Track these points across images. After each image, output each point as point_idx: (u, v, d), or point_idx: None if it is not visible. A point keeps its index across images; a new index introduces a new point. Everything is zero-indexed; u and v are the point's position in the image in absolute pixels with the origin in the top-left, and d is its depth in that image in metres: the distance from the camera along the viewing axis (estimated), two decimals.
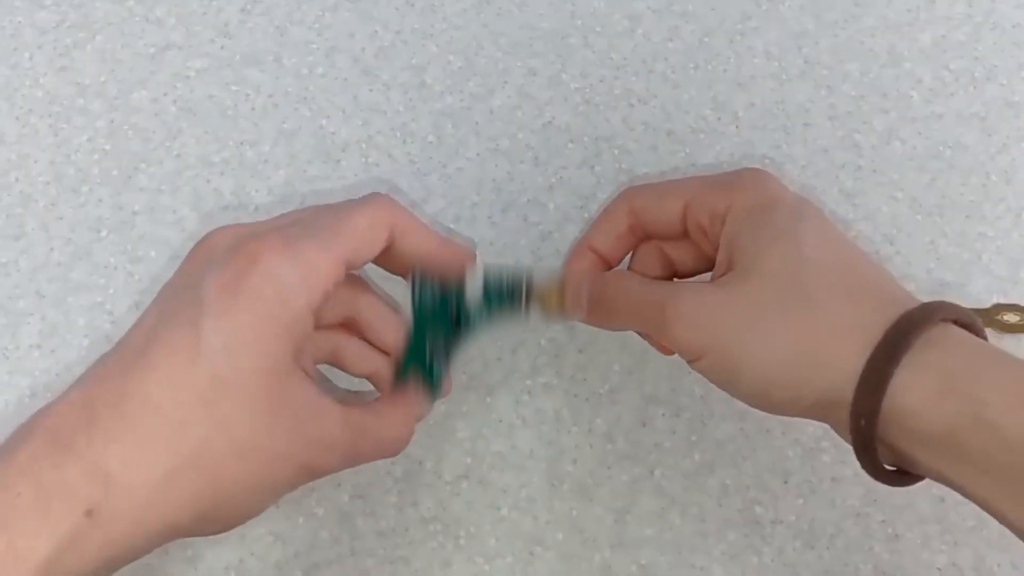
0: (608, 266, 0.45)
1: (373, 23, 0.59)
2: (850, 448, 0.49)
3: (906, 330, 0.36)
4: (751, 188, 0.41)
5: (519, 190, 0.54)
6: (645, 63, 0.58)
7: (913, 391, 0.35)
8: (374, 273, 0.44)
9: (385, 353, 0.43)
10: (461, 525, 0.47)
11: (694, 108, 0.57)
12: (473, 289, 0.43)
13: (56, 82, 0.57)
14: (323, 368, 0.43)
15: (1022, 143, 0.57)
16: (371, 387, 0.44)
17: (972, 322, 0.38)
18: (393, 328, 0.43)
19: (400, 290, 0.43)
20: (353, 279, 0.43)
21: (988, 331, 0.51)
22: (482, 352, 0.51)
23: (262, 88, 0.57)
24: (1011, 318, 0.52)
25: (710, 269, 0.43)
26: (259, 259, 0.37)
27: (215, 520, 0.37)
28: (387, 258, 0.42)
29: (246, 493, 0.37)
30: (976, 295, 0.53)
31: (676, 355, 0.50)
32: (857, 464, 0.48)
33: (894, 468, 0.38)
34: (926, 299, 0.37)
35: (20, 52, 0.57)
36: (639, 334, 0.44)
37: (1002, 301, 0.52)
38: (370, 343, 0.43)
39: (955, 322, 0.37)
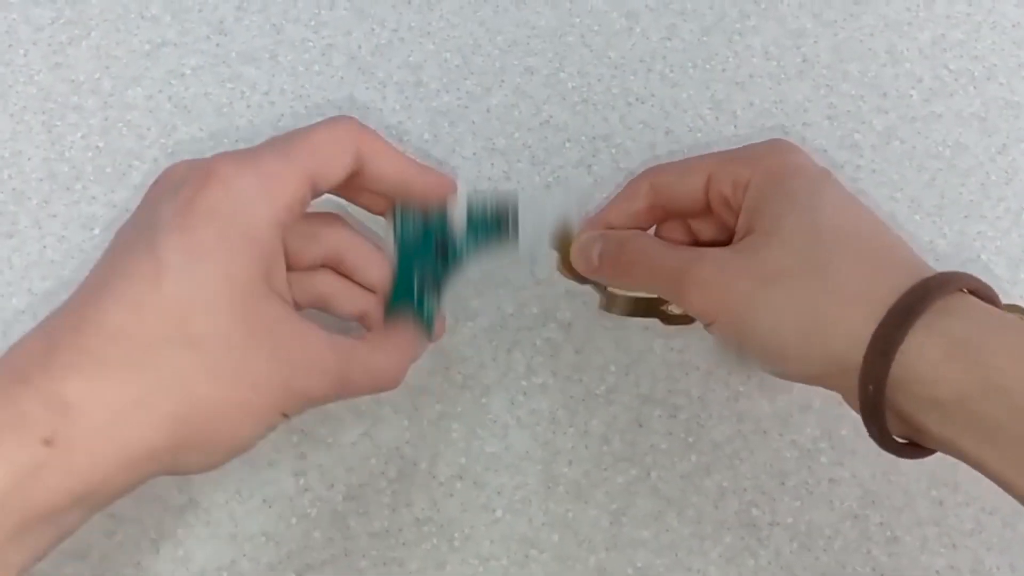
0: None
1: (370, 20, 0.58)
2: (848, 450, 0.49)
3: (920, 296, 0.35)
4: (774, 157, 0.41)
5: (516, 189, 0.54)
6: (643, 62, 0.58)
7: (924, 356, 0.35)
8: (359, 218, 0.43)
9: (373, 292, 0.42)
10: (455, 526, 0.47)
11: (692, 107, 0.56)
12: (457, 218, 0.42)
13: (50, 79, 0.56)
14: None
15: (1022, 143, 0.56)
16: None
17: (990, 293, 0.37)
18: (378, 265, 0.42)
19: (383, 230, 0.43)
20: (332, 217, 0.42)
21: None
22: (477, 352, 0.50)
23: (258, 86, 0.56)
24: None
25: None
26: (214, 174, 0.36)
27: (197, 447, 0.35)
28: (360, 191, 0.41)
29: (227, 417, 0.35)
30: None
31: (671, 353, 0.50)
32: (855, 466, 0.48)
33: (904, 440, 0.38)
34: None
35: (15, 49, 0.57)
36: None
37: (1002, 301, 0.52)
38: (357, 283, 0.42)
39: (972, 292, 0.37)
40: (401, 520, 0.47)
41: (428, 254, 0.42)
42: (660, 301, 0.46)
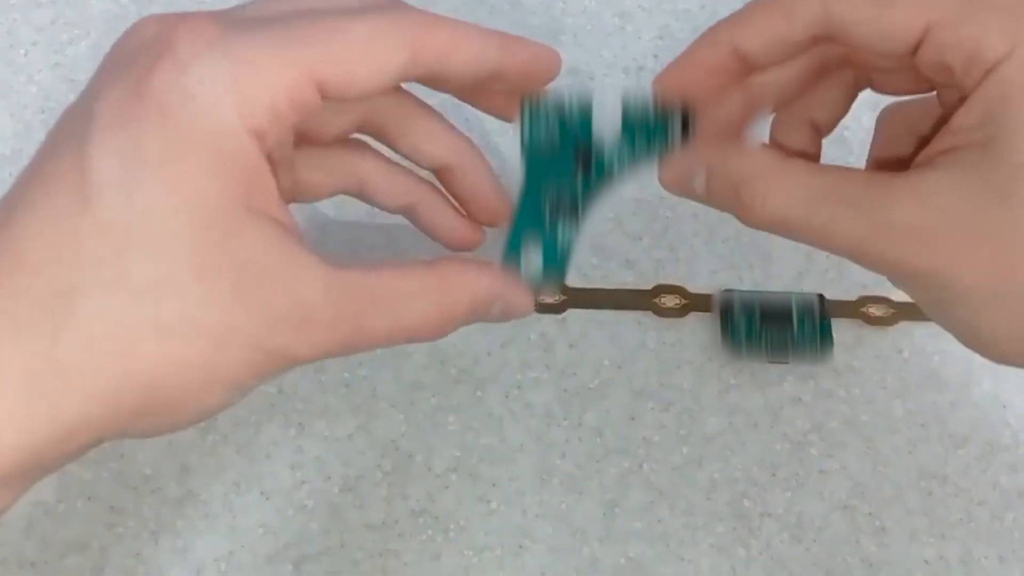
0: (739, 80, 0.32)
1: None
2: (838, 442, 0.49)
3: None
4: None
5: (511, 191, 0.55)
6: (635, 61, 0.58)
7: None
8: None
9: (424, 179, 0.34)
10: (451, 518, 0.48)
11: None
12: (606, 119, 0.32)
13: (51, 79, 0.57)
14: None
15: None
16: None
17: None
18: (440, 131, 0.34)
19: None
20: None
21: (856, 322, 0.51)
22: (472, 347, 0.51)
23: None
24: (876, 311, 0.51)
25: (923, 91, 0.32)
26: (171, 50, 0.27)
27: (148, 416, 0.27)
28: (476, 92, 0.33)
29: (181, 384, 0.27)
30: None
31: (663, 348, 0.51)
32: (844, 458, 0.49)
33: None
34: None
35: (16, 49, 0.58)
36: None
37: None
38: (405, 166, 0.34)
39: None
40: (397, 512, 0.48)
41: (565, 165, 0.32)
42: None
